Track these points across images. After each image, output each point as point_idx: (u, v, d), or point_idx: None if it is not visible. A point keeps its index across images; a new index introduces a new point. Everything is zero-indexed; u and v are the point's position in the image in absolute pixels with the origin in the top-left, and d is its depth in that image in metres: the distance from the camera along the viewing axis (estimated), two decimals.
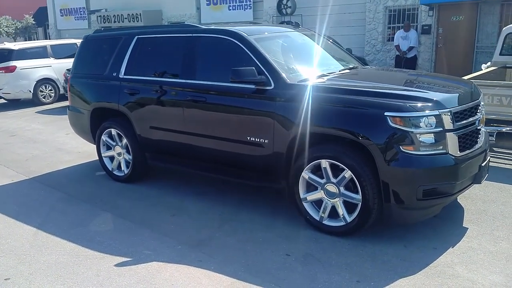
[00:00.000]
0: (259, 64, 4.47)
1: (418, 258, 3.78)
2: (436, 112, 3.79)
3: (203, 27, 5.10)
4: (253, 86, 4.45)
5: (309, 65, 5.01)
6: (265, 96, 4.39)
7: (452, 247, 3.94)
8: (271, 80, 4.39)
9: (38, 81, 12.98)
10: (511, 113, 6.38)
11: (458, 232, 4.21)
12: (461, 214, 4.58)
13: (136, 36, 5.61)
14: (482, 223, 4.37)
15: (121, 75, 5.62)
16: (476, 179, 4.19)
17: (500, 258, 3.74)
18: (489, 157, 4.46)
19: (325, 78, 4.56)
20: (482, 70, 8.23)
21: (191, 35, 5.07)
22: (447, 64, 12.42)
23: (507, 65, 8.23)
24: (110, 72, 5.76)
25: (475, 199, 4.90)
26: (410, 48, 12.24)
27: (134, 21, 19.13)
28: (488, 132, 5.82)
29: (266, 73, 4.42)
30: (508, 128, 6.34)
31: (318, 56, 5.34)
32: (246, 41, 4.66)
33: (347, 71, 5.04)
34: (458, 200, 4.82)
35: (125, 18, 19.59)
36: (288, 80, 4.36)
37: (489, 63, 8.59)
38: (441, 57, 12.67)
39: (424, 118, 3.76)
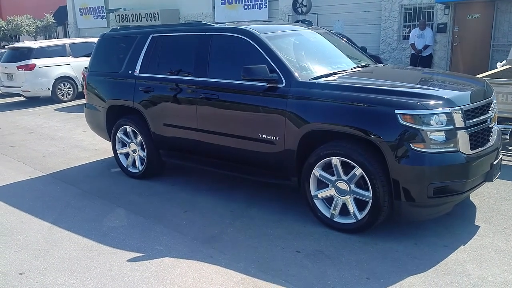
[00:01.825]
0: (271, 62, 4.50)
1: (428, 256, 3.78)
2: (447, 110, 3.78)
3: (216, 25, 5.16)
4: (265, 84, 4.48)
5: (320, 63, 5.03)
6: (277, 93, 4.42)
7: (463, 245, 3.93)
8: (282, 78, 4.42)
9: (56, 79, 13.20)
10: None
11: (470, 230, 4.20)
12: (473, 212, 4.56)
13: (151, 35, 5.68)
14: (494, 221, 4.35)
15: (136, 73, 5.71)
16: (488, 177, 4.17)
17: None
18: (501, 155, 4.42)
19: (337, 76, 4.58)
20: (497, 68, 8.15)
21: (204, 33, 5.12)
22: (463, 63, 12.31)
23: None
24: (125, 70, 5.85)
25: (487, 197, 4.87)
26: (426, 47, 12.13)
27: (151, 20, 19.30)
28: (502, 130, 5.78)
29: (277, 71, 4.45)
30: None
31: (330, 54, 5.36)
32: (258, 39, 4.70)
33: (359, 69, 5.04)
34: (470, 198, 4.80)
35: (143, 17, 19.79)
36: (300, 78, 4.39)
37: (504, 61, 8.50)
38: (457, 56, 12.55)
39: (435, 116, 3.75)
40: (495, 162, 4.18)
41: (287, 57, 4.60)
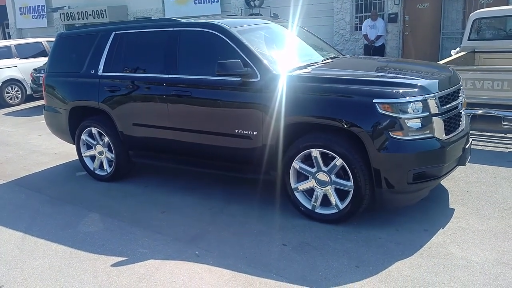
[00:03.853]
0: (244, 56, 4.45)
1: (411, 241, 3.87)
2: (422, 98, 3.88)
3: (184, 20, 5.05)
4: (239, 79, 4.44)
5: (293, 55, 5.03)
6: (252, 88, 4.39)
7: (442, 228, 4.05)
8: (257, 72, 4.39)
9: (3, 82, 12.60)
10: (484, 96, 6.59)
11: (446, 213, 4.33)
12: (446, 196, 4.71)
13: (114, 32, 5.50)
14: (467, 204, 4.51)
15: (100, 72, 5.51)
16: (461, 161, 4.32)
17: (489, 236, 3.87)
18: (471, 139, 4.59)
19: (310, 68, 4.59)
20: (452, 55, 8.44)
21: (172, 29, 5.00)
22: (414, 51, 12.68)
23: (475, 50, 8.47)
24: (87, 70, 5.64)
25: (457, 181, 5.04)
26: (378, 37, 12.38)
27: (99, 18, 18.71)
28: None
29: (251, 65, 4.41)
30: (481, 111, 6.55)
31: (300, 46, 5.37)
32: (229, 33, 4.63)
33: (330, 60, 5.08)
34: (441, 183, 4.94)
35: (90, 15, 19.14)
36: (274, 71, 4.37)
37: (458, 49, 8.81)
38: (408, 45, 12.91)
39: (411, 103, 3.83)
40: (466, 146, 4.34)
41: (260, 51, 4.57)
